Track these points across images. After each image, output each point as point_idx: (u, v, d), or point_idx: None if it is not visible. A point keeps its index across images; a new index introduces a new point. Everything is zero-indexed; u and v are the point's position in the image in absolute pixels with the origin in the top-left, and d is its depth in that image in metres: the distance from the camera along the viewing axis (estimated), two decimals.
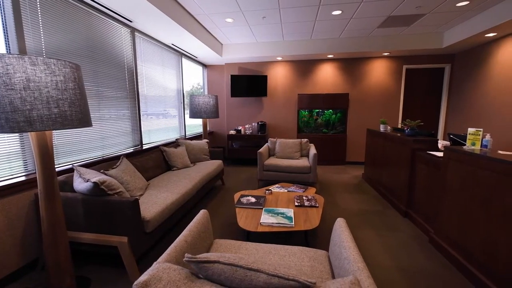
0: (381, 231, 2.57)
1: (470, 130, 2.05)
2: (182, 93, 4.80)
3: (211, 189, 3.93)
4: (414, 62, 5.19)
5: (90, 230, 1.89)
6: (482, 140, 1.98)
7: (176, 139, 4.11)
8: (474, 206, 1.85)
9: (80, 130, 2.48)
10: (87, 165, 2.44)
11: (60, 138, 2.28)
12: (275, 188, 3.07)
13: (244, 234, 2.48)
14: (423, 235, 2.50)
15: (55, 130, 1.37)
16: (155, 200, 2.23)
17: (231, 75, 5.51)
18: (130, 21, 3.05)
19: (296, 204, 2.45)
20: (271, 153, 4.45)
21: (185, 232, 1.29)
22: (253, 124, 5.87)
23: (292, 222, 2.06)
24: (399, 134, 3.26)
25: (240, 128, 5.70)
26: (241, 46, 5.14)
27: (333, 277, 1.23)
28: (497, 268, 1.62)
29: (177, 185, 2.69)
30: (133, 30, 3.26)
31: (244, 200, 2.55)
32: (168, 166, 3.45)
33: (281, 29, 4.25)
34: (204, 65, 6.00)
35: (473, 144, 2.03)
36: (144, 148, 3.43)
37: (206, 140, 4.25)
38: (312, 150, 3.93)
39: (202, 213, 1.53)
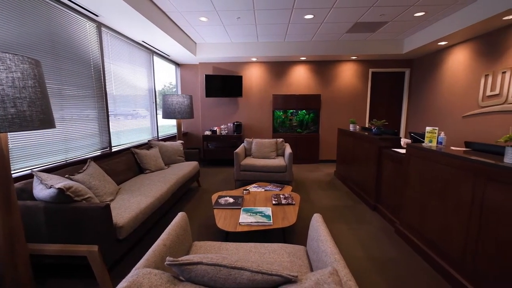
0: (352, 225, 2.73)
1: (428, 128, 2.27)
2: (154, 93, 4.62)
3: (187, 191, 3.83)
4: (379, 66, 5.58)
5: (55, 241, 1.74)
6: (437, 137, 2.20)
7: (148, 140, 3.94)
8: (432, 197, 2.05)
9: (41, 132, 2.27)
10: (49, 170, 2.23)
11: (17, 140, 2.06)
12: (252, 188, 3.10)
13: (223, 234, 2.47)
14: (389, 226, 2.70)
15: (12, 132, 1.24)
16: (128, 205, 2.13)
17: (205, 75, 5.43)
18: (96, 16, 2.86)
19: (274, 202, 2.50)
20: (247, 153, 4.47)
21: (163, 236, 1.26)
22: (228, 124, 5.84)
23: (270, 220, 2.10)
24: (366, 133, 3.48)
25: (215, 129, 5.64)
26: (216, 46, 5.09)
27: (311, 270, 1.29)
28: (451, 251, 1.82)
29: (151, 188, 2.58)
30: (100, 25, 3.06)
31: (222, 201, 2.53)
32: (141, 169, 3.29)
33: (255, 30, 4.29)
34: (177, 64, 5.83)
35: (430, 141, 2.24)
36: (113, 150, 3.24)
37: (181, 141, 4.14)
38: (288, 150, 4.03)
39: (180, 216, 1.50)
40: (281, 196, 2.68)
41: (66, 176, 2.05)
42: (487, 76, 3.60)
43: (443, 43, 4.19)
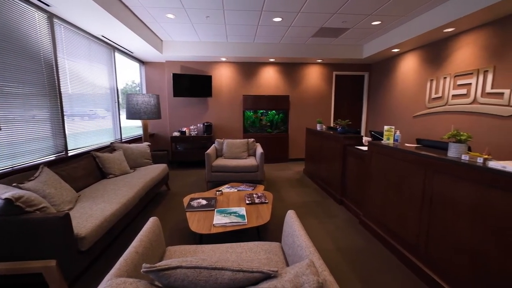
0: (322, 219, 2.88)
1: (386, 127, 2.50)
2: (116, 92, 4.31)
3: (155, 196, 3.66)
4: (342, 69, 5.96)
5: (2, 259, 1.53)
6: (394, 135, 2.44)
7: (111, 143, 3.67)
8: (390, 189, 2.26)
9: None
10: None
11: None
12: (225, 189, 3.08)
13: (196, 237, 2.42)
14: (354, 218, 2.91)
15: None
16: (91, 213, 1.96)
17: (173, 74, 5.23)
18: (47, 5, 2.58)
19: (247, 202, 2.52)
20: (218, 154, 4.42)
21: (135, 242, 1.19)
22: (198, 125, 5.71)
23: (245, 219, 2.11)
24: (332, 132, 3.70)
25: (184, 130, 5.47)
26: (184, 44, 4.94)
27: (287, 265, 1.33)
28: (407, 237, 2.03)
29: (116, 194, 2.42)
30: (51, 16, 2.76)
31: (194, 203, 2.47)
32: (103, 174, 3.05)
33: (225, 30, 4.27)
34: (141, 62, 5.52)
35: (388, 139, 2.47)
36: (70, 154, 2.95)
37: (147, 143, 3.94)
38: (259, 149, 4.08)
39: (152, 221, 1.44)
40: (254, 195, 2.72)
41: (14, 184, 1.82)
42: (432, 81, 4.08)
43: (396, 50, 4.64)
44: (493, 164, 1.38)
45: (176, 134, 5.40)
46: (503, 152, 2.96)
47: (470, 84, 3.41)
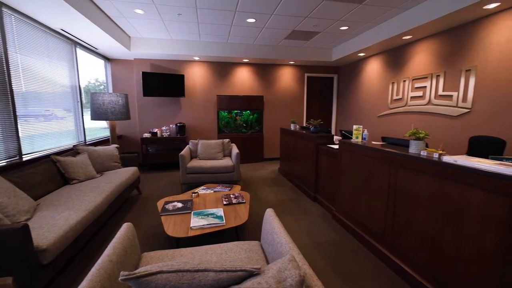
0: (297, 216, 2.97)
1: (355, 126, 2.66)
2: (78, 90, 3.99)
3: (125, 201, 3.46)
4: (313, 71, 6.19)
5: None
6: (362, 134, 2.61)
7: (73, 145, 3.39)
8: (359, 185, 2.42)
9: None
10: None
11: None
12: (201, 190, 3.02)
13: (173, 242, 2.34)
14: (328, 213, 3.05)
15: None
16: (53, 223, 1.80)
17: (142, 72, 4.99)
18: None
19: (225, 202, 2.51)
20: (193, 155, 4.32)
21: (108, 251, 1.12)
22: (171, 126, 5.52)
23: (223, 220, 2.10)
24: (305, 132, 3.83)
25: (156, 131, 5.25)
26: (154, 42, 4.74)
27: (268, 263, 1.36)
28: (375, 228, 2.19)
29: (82, 201, 2.24)
30: (0, 5, 2.47)
31: (169, 206, 2.39)
32: (66, 179, 2.81)
33: (198, 28, 4.19)
34: (107, 59, 5.17)
35: (357, 137, 2.64)
36: (25, 159, 2.66)
37: (116, 145, 3.71)
38: (235, 150, 4.08)
39: (126, 227, 1.36)
40: (231, 195, 2.71)
41: None
42: (393, 83, 4.44)
43: (362, 54, 4.95)
44: (447, 158, 1.55)
45: (146, 135, 5.16)
46: (453, 148, 3.32)
47: (425, 87, 3.78)
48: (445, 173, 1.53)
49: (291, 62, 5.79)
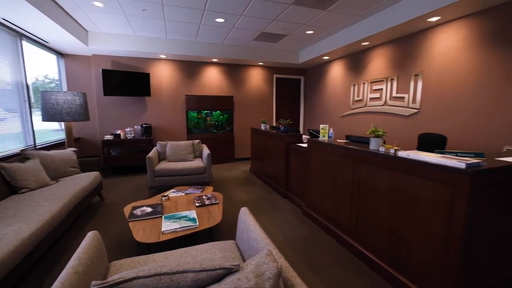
0: (269, 213, 3.04)
1: (321, 126, 2.82)
2: (26, 89, 3.55)
3: (85, 209, 3.19)
4: (281, 72, 6.37)
5: None
6: (328, 132, 2.77)
7: (21, 150, 3.02)
8: (327, 181, 2.57)
9: None
10: None
11: None
12: (171, 193, 2.92)
13: (142, 248, 2.23)
14: (298, 209, 3.18)
15: None
16: (0, 237, 1.59)
17: (102, 70, 4.64)
18: None
19: (197, 204, 2.46)
20: (161, 157, 4.15)
21: (73, 262, 1.04)
22: (135, 127, 5.22)
23: (196, 222, 2.07)
24: (275, 131, 3.94)
25: (119, 132, 4.91)
26: (116, 37, 4.44)
27: (244, 260, 1.38)
28: (342, 221, 2.35)
29: (36, 211, 2.02)
30: None
31: (138, 212, 2.28)
32: (12, 189, 2.49)
33: (164, 25, 4.03)
34: (60, 54, 4.69)
35: (324, 136, 2.80)
36: None
37: (73, 149, 3.40)
38: (206, 150, 4.02)
39: (91, 236, 1.27)
40: (204, 197, 2.67)
41: None
42: (354, 86, 4.78)
43: (326, 57, 5.24)
44: (401, 153, 1.74)
45: (108, 137, 4.81)
46: (406, 144, 3.70)
47: (382, 89, 4.15)
48: (400, 167, 1.71)
49: (260, 63, 5.88)
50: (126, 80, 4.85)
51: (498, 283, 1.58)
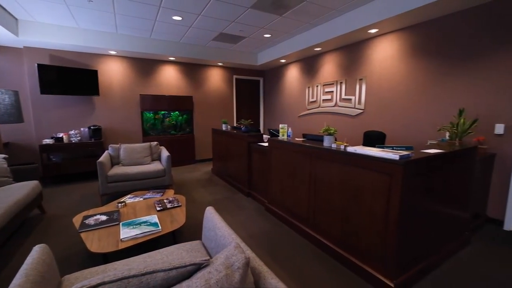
0: (233, 212, 3.09)
1: (281, 125, 2.98)
2: None
3: (22, 224, 2.78)
4: (241, 73, 6.46)
5: None
6: (287, 132, 2.94)
7: None
8: (287, 177, 2.73)
9: None
10: None
11: None
12: (128, 199, 2.74)
13: (97, 259, 2.05)
14: (261, 206, 3.29)
15: None
16: None
17: (38, 65, 4.08)
18: None
19: (158, 208, 2.37)
20: (114, 161, 3.85)
21: (19, 279, 0.94)
22: (82, 129, 4.71)
23: (158, 227, 2.00)
24: (236, 132, 4.00)
25: (61, 136, 4.38)
26: (55, 29, 3.95)
27: (211, 258, 1.41)
28: (301, 213, 2.53)
29: None
30: None
31: (90, 221, 2.09)
32: None
33: (114, 20, 3.74)
34: None
35: (283, 135, 2.96)
36: None
37: (3, 156, 2.93)
38: (165, 153, 3.86)
39: (39, 250, 1.15)
40: (165, 200, 2.59)
41: None
42: (309, 88, 5.13)
43: (283, 60, 5.51)
44: (349, 149, 1.97)
45: (48, 141, 4.24)
46: (353, 140, 4.11)
47: (332, 91, 4.54)
48: (349, 161, 1.94)
49: (220, 64, 5.87)
50: (68, 77, 4.35)
51: (420, 255, 1.91)
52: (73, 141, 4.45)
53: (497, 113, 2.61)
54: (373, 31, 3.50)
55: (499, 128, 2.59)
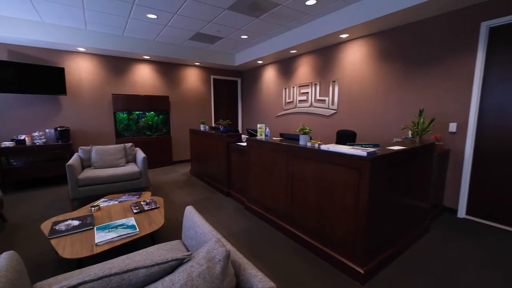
0: (213, 212, 3.10)
1: (259, 125, 3.05)
2: None
3: None
4: (219, 74, 6.44)
5: None
6: (265, 131, 3.03)
7: None
8: (265, 175, 2.81)
9: None
10: None
11: None
12: (102, 203, 2.64)
13: (70, 266, 1.96)
14: (240, 205, 3.34)
15: None
16: None
17: None
18: None
19: (135, 211, 2.32)
20: (85, 164, 3.66)
21: None
22: (47, 131, 4.40)
23: (136, 229, 1.96)
24: (214, 132, 4.00)
25: (23, 138, 4.06)
26: (13, 22, 3.65)
27: None
28: (280, 209, 2.62)
29: None
30: None
31: (61, 226, 1.99)
32: None
33: (83, 15, 3.56)
34: None
35: (261, 135, 3.04)
36: None
37: None
38: (140, 154, 3.75)
39: (7, 256, 1.10)
40: (142, 202, 2.53)
41: None
42: (286, 89, 5.28)
43: (260, 62, 5.60)
44: (323, 146, 2.09)
45: (7, 144, 3.91)
46: (327, 139, 4.34)
47: (308, 92, 4.73)
48: (323, 158, 2.06)
49: (197, 63, 5.81)
50: (29, 75, 4.04)
51: (387, 242, 2.09)
52: (37, 144, 4.14)
53: (451, 113, 2.92)
54: (344, 36, 3.71)
55: (453, 127, 2.91)
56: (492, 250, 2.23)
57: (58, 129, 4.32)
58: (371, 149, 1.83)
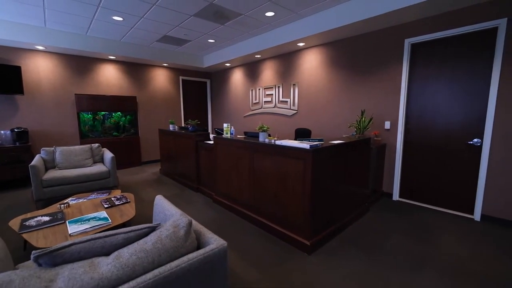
0: (184, 207, 3.31)
1: (225, 124, 3.33)
2: None
3: None
4: (188, 75, 6.57)
5: None
6: (230, 130, 3.31)
7: None
8: (231, 170, 3.10)
9: None
10: None
11: None
12: (71, 201, 2.71)
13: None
14: (209, 199, 3.58)
15: None
16: None
17: None
18: None
19: (106, 206, 2.45)
20: (49, 165, 3.60)
21: None
22: (2, 132, 4.19)
23: (108, 220, 2.12)
24: (183, 131, 4.19)
25: None
26: None
27: None
28: (245, 200, 2.93)
29: None
30: None
31: (32, 222, 2.07)
32: None
33: (43, 13, 3.50)
34: None
35: (227, 133, 3.32)
36: None
37: None
38: (108, 154, 3.80)
39: None
40: (113, 198, 2.66)
41: None
42: (252, 90, 5.63)
43: (228, 64, 5.87)
44: (278, 142, 2.45)
45: None
46: (288, 136, 4.77)
47: (272, 94, 5.12)
48: (277, 152, 2.41)
49: (165, 64, 5.89)
50: None
51: (330, 221, 2.52)
52: None
53: (385, 113, 3.50)
54: (301, 44, 4.15)
55: (387, 124, 3.48)
56: (414, 224, 2.79)
57: (15, 130, 4.14)
58: (314, 143, 2.23)
